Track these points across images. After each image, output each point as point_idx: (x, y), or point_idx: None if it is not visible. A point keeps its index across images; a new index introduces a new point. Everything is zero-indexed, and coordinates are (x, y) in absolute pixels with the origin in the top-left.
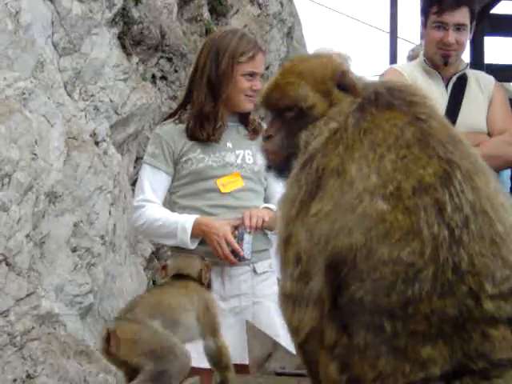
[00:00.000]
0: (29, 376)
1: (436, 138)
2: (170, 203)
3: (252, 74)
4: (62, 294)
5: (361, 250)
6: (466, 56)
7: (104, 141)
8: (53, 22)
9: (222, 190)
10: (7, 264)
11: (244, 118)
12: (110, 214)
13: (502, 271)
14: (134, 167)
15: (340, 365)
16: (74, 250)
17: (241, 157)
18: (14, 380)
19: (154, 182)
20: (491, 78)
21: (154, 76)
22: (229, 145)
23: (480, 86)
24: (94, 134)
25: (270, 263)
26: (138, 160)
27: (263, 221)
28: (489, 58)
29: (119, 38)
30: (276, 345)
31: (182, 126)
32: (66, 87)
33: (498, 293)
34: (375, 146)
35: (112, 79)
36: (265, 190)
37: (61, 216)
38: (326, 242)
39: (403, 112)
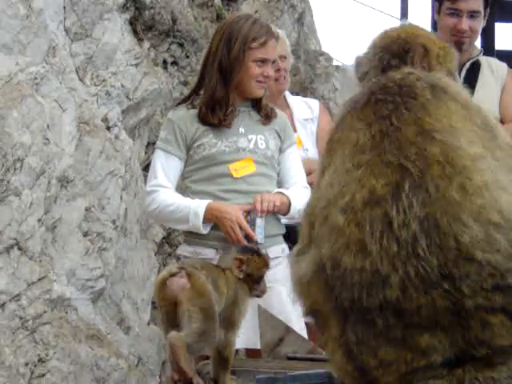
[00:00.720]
0: (40, 360)
1: (393, 139)
2: (182, 188)
3: (263, 61)
4: (74, 279)
5: (329, 261)
6: (477, 42)
7: (116, 126)
8: (65, 7)
9: (235, 175)
10: (19, 248)
11: (256, 104)
12: (121, 198)
13: (479, 273)
14: (146, 152)
15: (346, 353)
16: (85, 235)
17: (253, 142)
18: (26, 364)
19: (166, 167)
20: (504, 65)
21: (165, 61)
22: (241, 130)
23: (493, 72)
24: (105, 119)
25: (282, 248)
26: (150, 145)
27: (274, 205)
28: (499, 44)
29: (131, 23)
30: (288, 329)
31: (195, 111)
32: (77, 72)
33: (480, 290)
34: (343, 155)
35: (123, 64)
36: (278, 174)
37: (72, 201)
38: (314, 247)
39: (366, 113)
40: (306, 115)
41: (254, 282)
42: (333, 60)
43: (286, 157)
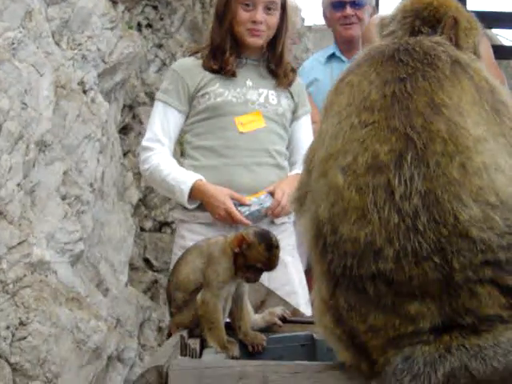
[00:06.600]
0: (21, 323)
1: (403, 105)
2: (183, 144)
3: (250, 3)
4: (53, 242)
5: (327, 224)
6: None
7: (92, 89)
8: None
9: (240, 129)
10: None
11: (272, 57)
12: (98, 162)
13: (471, 250)
14: (121, 115)
15: (334, 317)
16: (63, 198)
17: (264, 96)
18: (7, 327)
19: (164, 120)
20: None
21: (139, 24)
22: (248, 83)
23: None
24: (81, 83)
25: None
26: (125, 108)
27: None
28: (471, 5)
29: None
30: (269, 292)
31: (201, 61)
32: (53, 36)
33: (470, 265)
34: (351, 102)
35: (99, 28)
36: (289, 141)
37: (50, 165)
38: (310, 201)
39: (385, 69)
40: None
41: (246, 265)
42: (305, 20)
43: (300, 125)
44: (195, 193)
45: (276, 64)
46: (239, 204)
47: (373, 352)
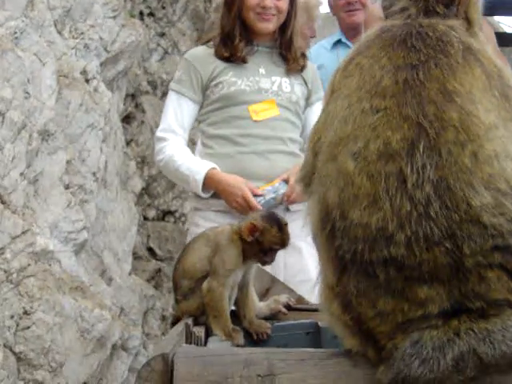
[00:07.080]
0: (26, 312)
1: (415, 92)
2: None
3: None
4: (57, 231)
5: (336, 209)
6: None
7: (94, 78)
8: None
9: (254, 118)
10: (2, 202)
11: (284, 44)
12: (101, 151)
13: (481, 235)
14: (124, 104)
15: (342, 303)
16: (67, 187)
17: (277, 84)
18: (12, 316)
19: (178, 110)
20: None
21: (141, 13)
22: (261, 70)
23: None
24: (84, 72)
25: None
26: (128, 97)
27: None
28: None
29: None
30: (274, 280)
31: (213, 50)
32: (56, 25)
33: (480, 250)
34: (361, 86)
35: (101, 17)
36: (303, 126)
37: (54, 154)
38: (318, 183)
39: (397, 55)
40: None
41: (261, 250)
42: None
43: (313, 112)
44: (209, 182)
45: (286, 49)
46: (253, 194)
47: (380, 338)
